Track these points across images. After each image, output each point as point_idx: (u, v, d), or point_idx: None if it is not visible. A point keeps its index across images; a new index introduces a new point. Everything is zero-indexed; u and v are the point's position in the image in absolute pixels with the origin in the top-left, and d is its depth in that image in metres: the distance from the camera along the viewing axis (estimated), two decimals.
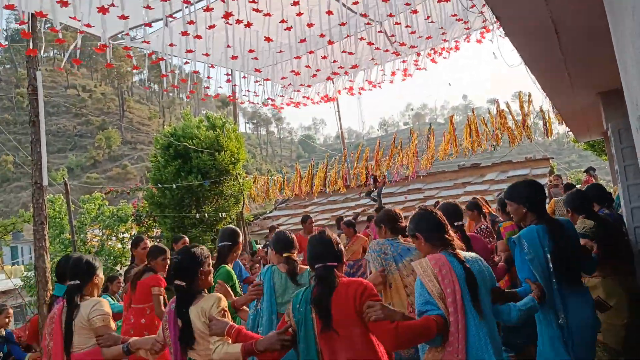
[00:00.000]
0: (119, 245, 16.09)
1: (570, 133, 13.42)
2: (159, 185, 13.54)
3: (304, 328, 2.56)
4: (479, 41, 7.30)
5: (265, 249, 8.82)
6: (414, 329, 2.36)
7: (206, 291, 3.00)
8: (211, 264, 3.06)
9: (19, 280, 17.25)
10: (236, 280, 4.19)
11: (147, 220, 15.41)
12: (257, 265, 9.21)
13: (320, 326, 2.48)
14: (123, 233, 16.11)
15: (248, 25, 5.01)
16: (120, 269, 15.52)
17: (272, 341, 2.53)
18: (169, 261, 5.32)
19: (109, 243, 15.78)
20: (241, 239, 4.29)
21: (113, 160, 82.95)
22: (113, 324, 3.49)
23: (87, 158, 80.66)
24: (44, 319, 6.27)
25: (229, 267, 4.15)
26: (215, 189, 13.85)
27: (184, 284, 2.87)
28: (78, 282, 3.48)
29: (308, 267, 3.18)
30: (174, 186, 13.15)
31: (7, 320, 6.51)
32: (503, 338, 4.06)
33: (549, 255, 3.00)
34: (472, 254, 2.76)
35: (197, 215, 13.25)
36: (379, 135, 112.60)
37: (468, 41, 7.16)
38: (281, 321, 2.72)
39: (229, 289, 3.72)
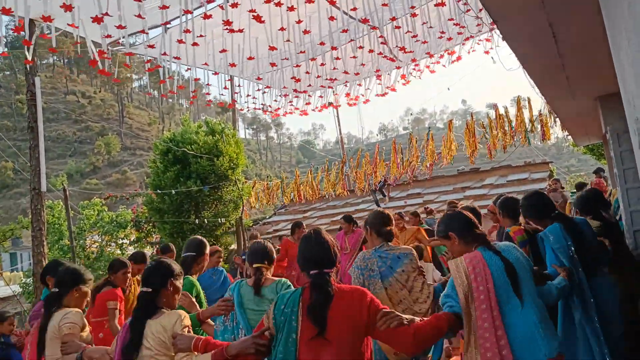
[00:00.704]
0: (118, 251, 16.06)
1: (570, 137, 13.43)
2: (158, 191, 13.53)
3: (285, 332, 2.38)
4: (487, 52, 7.31)
5: (244, 258, 8.71)
6: (428, 330, 2.37)
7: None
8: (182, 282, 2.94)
9: (17, 286, 17.20)
10: (201, 292, 4.12)
11: (146, 225, 15.39)
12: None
13: (311, 333, 2.31)
14: (122, 239, 16.08)
15: (240, 31, 5.01)
16: None
17: (245, 345, 2.37)
18: (129, 275, 5.37)
19: (108, 249, 15.75)
20: (207, 250, 4.27)
21: (112, 166, 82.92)
22: (85, 335, 3.41)
23: (86, 164, 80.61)
24: None
25: (193, 278, 4.11)
26: (215, 195, 13.84)
27: (150, 290, 2.74)
28: (57, 290, 3.40)
29: (276, 279, 3.27)
30: (173, 192, 13.14)
31: (10, 327, 6.50)
32: None
33: (572, 247, 3.35)
34: (506, 243, 2.84)
35: (196, 221, 13.24)
36: (379, 140, 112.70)
37: (473, 51, 7.17)
38: (259, 324, 2.54)
39: (194, 300, 3.63)
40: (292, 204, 18.07)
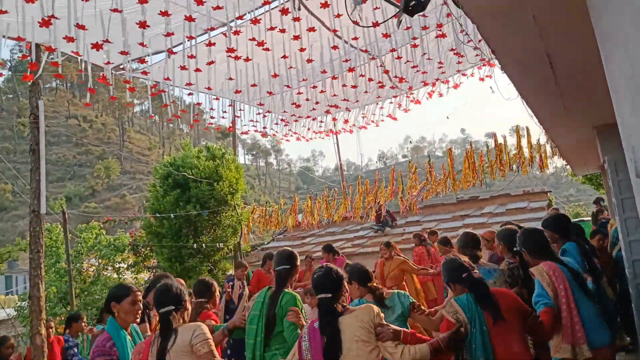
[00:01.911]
0: (115, 275, 15.95)
1: (568, 167, 13.50)
2: (157, 215, 13.52)
3: (477, 324, 3.04)
4: (482, 79, 7.41)
5: (231, 284, 8.46)
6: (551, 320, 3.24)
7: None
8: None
9: (12, 310, 17.02)
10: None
11: (144, 250, 15.32)
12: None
13: (493, 320, 3.03)
14: (119, 263, 15.99)
15: (247, 59, 5.09)
16: None
17: (452, 338, 2.98)
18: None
19: (105, 273, 15.65)
20: (299, 262, 4.08)
21: (112, 190, 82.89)
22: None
23: (85, 187, 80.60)
24: (36, 350, 6.18)
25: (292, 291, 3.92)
26: (213, 219, 13.82)
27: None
28: (172, 307, 3.14)
29: (394, 291, 3.90)
30: (172, 216, 13.13)
31: (10, 350, 6.49)
32: None
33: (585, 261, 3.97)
34: (567, 259, 3.72)
35: (195, 246, 13.19)
36: (378, 167, 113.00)
37: (472, 75, 7.26)
38: (443, 322, 3.19)
39: (301, 315, 3.64)
40: (290, 230, 18.02)
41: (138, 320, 3.49)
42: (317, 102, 6.80)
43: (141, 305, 3.46)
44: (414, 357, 2.83)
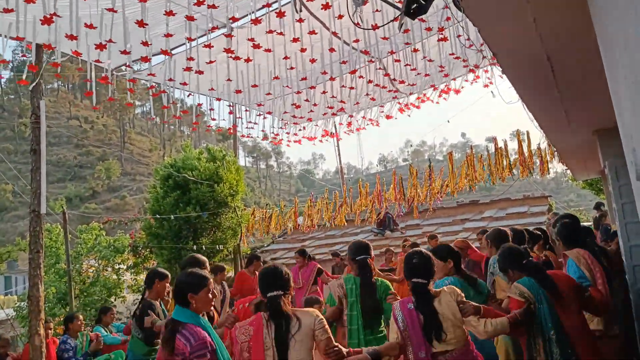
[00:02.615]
0: (114, 277, 15.92)
1: (569, 171, 13.48)
2: (157, 216, 13.51)
3: (544, 301, 3.37)
4: (486, 85, 7.40)
5: None
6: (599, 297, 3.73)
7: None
8: None
9: (11, 310, 16.99)
10: None
11: (143, 251, 15.30)
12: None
13: (555, 299, 3.39)
14: (119, 264, 15.97)
15: (247, 60, 5.10)
16: (115, 300, 15.33)
17: (526, 312, 3.31)
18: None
19: (105, 274, 15.63)
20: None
21: (112, 191, 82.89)
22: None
23: (86, 189, 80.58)
24: (35, 350, 6.16)
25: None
26: (213, 221, 13.81)
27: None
28: (281, 292, 3.10)
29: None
30: (172, 217, 13.12)
31: (3, 350, 6.58)
32: None
33: None
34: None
35: (194, 247, 13.17)
36: (378, 170, 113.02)
37: (475, 81, 7.26)
38: (512, 303, 3.45)
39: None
40: (290, 233, 18.01)
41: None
42: (314, 105, 6.80)
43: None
44: (495, 328, 3.20)
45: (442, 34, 5.47)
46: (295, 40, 4.76)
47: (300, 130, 8.30)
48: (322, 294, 8.24)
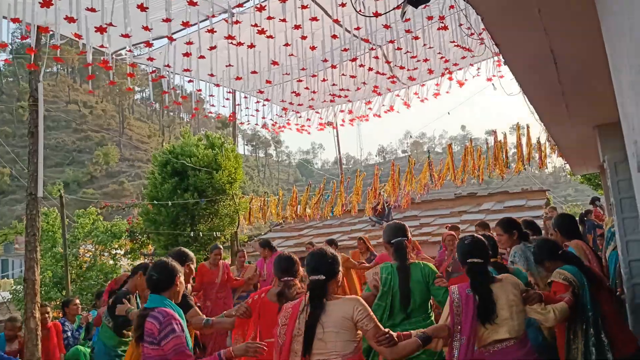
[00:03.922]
0: (111, 262, 15.94)
1: (567, 166, 13.47)
2: (155, 202, 13.50)
3: (586, 286, 3.54)
4: (489, 79, 7.36)
5: None
6: None
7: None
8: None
9: (7, 293, 17.04)
10: None
11: (140, 237, 15.32)
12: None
13: (593, 284, 3.60)
14: (116, 249, 15.99)
15: (251, 46, 5.07)
16: None
17: (573, 297, 3.45)
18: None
19: (101, 259, 15.65)
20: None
21: (110, 177, 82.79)
22: None
23: (84, 173, 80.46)
24: (30, 332, 6.16)
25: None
26: (211, 208, 13.81)
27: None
28: (323, 277, 2.98)
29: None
30: (170, 203, 13.11)
31: (12, 332, 6.60)
32: None
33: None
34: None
35: (192, 234, 13.18)
36: (377, 162, 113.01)
37: (478, 76, 7.22)
38: (557, 287, 3.57)
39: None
40: (288, 222, 18.01)
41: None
42: (314, 92, 6.77)
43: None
44: (561, 314, 3.25)
45: (442, 22, 5.43)
46: (297, 27, 4.72)
47: (300, 117, 8.26)
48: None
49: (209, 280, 7.49)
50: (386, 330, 2.89)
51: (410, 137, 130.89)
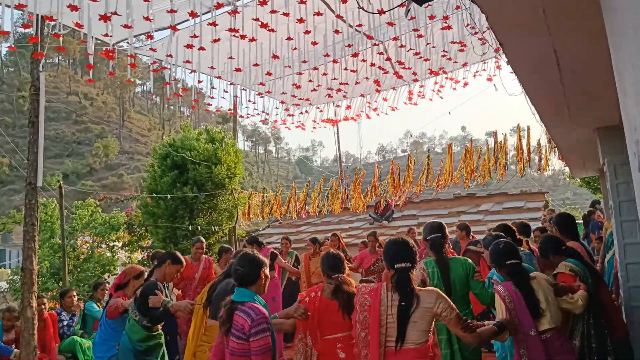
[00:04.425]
0: (109, 254, 15.93)
1: (566, 169, 13.47)
2: (154, 195, 13.49)
3: (589, 277, 3.89)
4: (489, 79, 7.35)
5: None
6: None
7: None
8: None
9: (4, 283, 17.04)
10: None
11: (139, 229, 15.31)
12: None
13: (593, 276, 4.01)
14: (114, 241, 15.98)
15: (253, 39, 5.06)
16: (108, 277, 15.35)
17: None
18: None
19: (99, 250, 15.64)
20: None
21: (109, 169, 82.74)
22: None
23: (83, 165, 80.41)
24: (26, 321, 6.16)
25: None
26: (210, 202, 13.80)
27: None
28: (409, 265, 3.03)
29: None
30: (169, 197, 13.10)
31: (10, 322, 6.61)
32: None
33: None
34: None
35: (190, 228, 13.18)
36: (377, 160, 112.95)
37: (479, 75, 7.21)
38: (564, 278, 3.80)
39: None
40: (286, 218, 18.01)
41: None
42: (318, 85, 6.76)
43: None
44: (585, 302, 3.54)
45: (446, 22, 5.42)
46: (300, 20, 4.71)
47: (301, 114, 8.25)
48: (280, 278, 8.08)
49: (188, 275, 7.06)
50: (464, 318, 3.07)
51: (411, 136, 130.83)
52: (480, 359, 4.12)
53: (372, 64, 6.20)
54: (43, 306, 6.92)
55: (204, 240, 7.49)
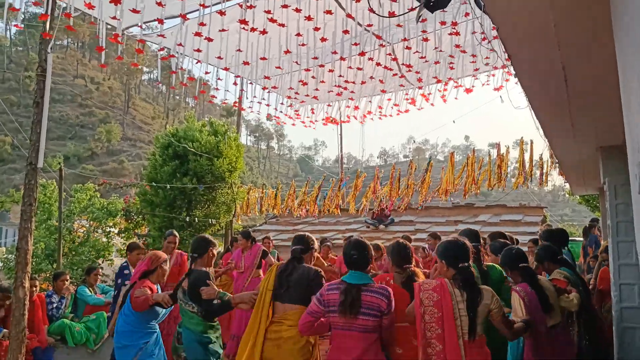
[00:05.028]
0: (104, 239, 15.92)
1: (566, 185, 13.47)
2: (153, 184, 13.49)
3: (580, 285, 4.22)
4: (496, 89, 7.32)
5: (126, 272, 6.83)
6: None
7: None
8: None
9: None
10: None
11: (136, 217, 15.31)
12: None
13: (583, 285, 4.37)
14: (110, 227, 15.97)
15: (263, 32, 5.06)
16: (102, 262, 15.35)
17: None
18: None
19: (95, 235, 15.63)
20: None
21: (111, 155, 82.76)
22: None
23: (85, 149, 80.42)
24: (18, 301, 6.16)
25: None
26: (209, 195, 13.80)
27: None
28: (467, 264, 3.31)
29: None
30: (168, 186, 13.10)
31: (1, 302, 6.59)
32: None
33: None
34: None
35: (187, 219, 13.18)
36: (378, 164, 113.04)
37: (487, 83, 7.18)
38: (558, 284, 4.01)
39: None
40: (284, 216, 18.02)
41: None
42: (322, 82, 6.75)
43: None
44: (577, 301, 3.85)
45: (454, 28, 5.42)
46: (308, 18, 4.71)
47: (311, 112, 8.24)
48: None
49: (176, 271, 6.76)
50: (506, 315, 3.42)
51: (414, 142, 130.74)
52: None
53: (378, 64, 6.20)
54: (34, 288, 6.91)
55: (177, 235, 7.13)
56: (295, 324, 3.59)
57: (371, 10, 4.20)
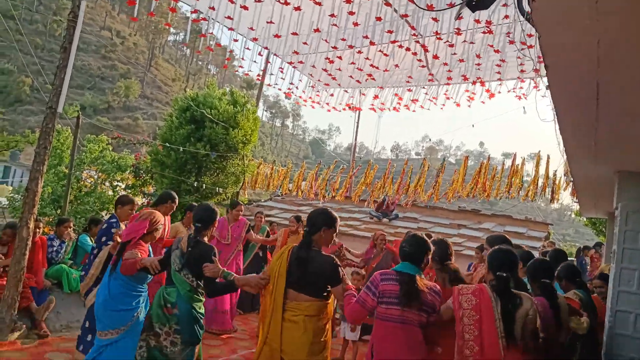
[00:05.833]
0: (110, 192, 16.00)
1: (575, 205, 13.38)
2: (167, 145, 13.52)
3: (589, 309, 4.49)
4: (518, 97, 7.25)
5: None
6: None
7: None
8: None
9: (4, 199, 17.19)
10: None
11: (145, 175, 15.37)
12: None
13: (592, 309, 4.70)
14: (118, 181, 16.04)
15: (297, 9, 5.01)
16: (106, 215, 15.46)
17: None
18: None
19: (102, 187, 15.72)
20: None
21: (127, 110, 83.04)
22: None
23: (102, 101, 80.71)
24: (20, 240, 6.24)
25: None
26: (219, 164, 13.82)
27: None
28: (509, 274, 3.45)
29: None
30: (181, 149, 13.12)
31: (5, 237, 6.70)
32: None
33: None
34: None
35: (195, 184, 13.22)
36: (390, 157, 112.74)
37: (513, 90, 7.11)
38: (572, 304, 4.21)
39: None
40: (289, 195, 18.05)
41: None
42: (352, 62, 6.71)
43: None
44: (587, 326, 4.03)
45: (488, 27, 5.35)
46: (347, 0, 4.66)
47: (327, 95, 8.20)
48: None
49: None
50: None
51: (429, 140, 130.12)
52: None
53: (408, 49, 6.15)
54: (38, 230, 6.99)
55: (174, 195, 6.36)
56: (309, 313, 3.50)
57: (412, 0, 4.14)
